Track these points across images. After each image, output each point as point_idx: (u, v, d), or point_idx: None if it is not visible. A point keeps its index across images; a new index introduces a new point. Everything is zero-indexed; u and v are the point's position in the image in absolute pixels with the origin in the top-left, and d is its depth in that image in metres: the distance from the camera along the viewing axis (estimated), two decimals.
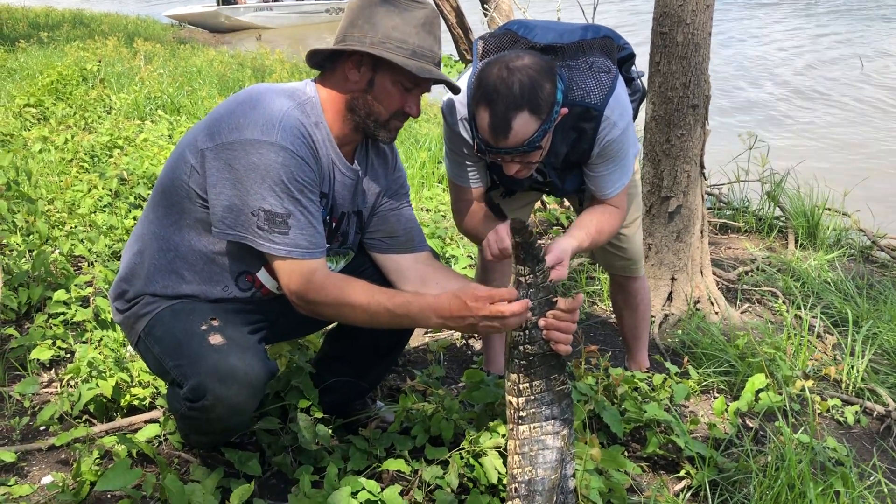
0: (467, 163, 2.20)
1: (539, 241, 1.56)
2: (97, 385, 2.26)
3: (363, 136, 1.91)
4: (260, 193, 1.69)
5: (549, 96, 1.85)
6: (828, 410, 2.72)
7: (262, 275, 1.90)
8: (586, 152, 2.10)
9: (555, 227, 4.50)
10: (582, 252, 2.16)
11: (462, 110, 2.09)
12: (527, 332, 1.58)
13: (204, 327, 1.79)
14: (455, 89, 1.95)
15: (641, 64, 2.68)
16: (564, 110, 1.94)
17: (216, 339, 1.76)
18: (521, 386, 1.61)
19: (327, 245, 1.94)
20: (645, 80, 2.46)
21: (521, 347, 1.59)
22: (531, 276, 1.55)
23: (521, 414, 1.61)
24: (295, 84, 1.88)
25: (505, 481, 1.75)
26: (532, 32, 2.10)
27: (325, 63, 1.87)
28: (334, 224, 1.95)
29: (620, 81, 2.09)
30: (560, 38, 2.08)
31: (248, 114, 1.72)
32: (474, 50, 2.10)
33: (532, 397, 1.61)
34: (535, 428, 1.61)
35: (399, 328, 1.84)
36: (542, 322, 1.58)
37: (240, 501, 1.76)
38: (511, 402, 1.62)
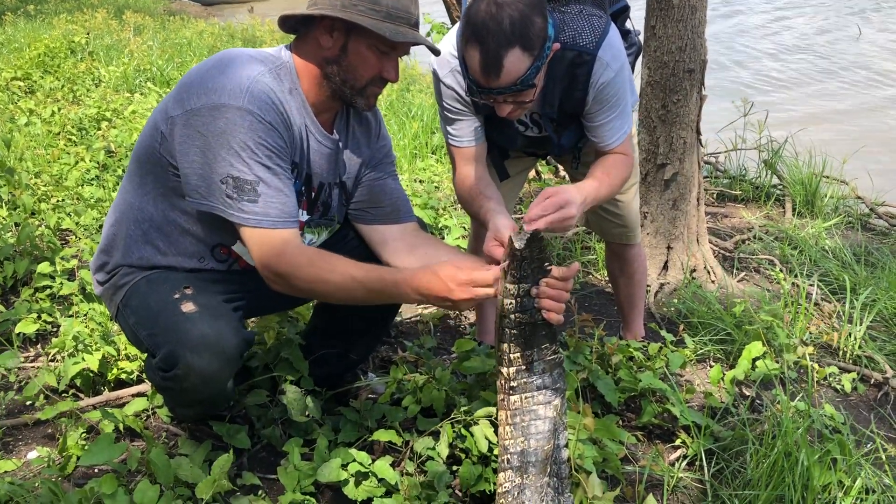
0: (462, 119, 2.11)
1: (541, 234, 1.52)
2: (83, 359, 2.22)
3: (342, 104, 1.85)
4: (227, 160, 1.63)
5: (540, 31, 1.78)
6: (825, 378, 2.70)
7: (238, 248, 1.85)
8: (581, 100, 2.03)
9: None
10: (596, 202, 2.04)
11: (452, 61, 2.03)
12: (518, 300, 1.54)
13: (177, 296, 1.74)
14: (435, 51, 1.89)
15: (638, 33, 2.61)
16: (556, 46, 1.87)
17: (188, 307, 1.72)
18: (511, 356, 1.56)
19: (308, 216, 1.89)
20: (641, 39, 2.39)
21: (512, 316, 1.55)
22: (527, 250, 1.50)
23: (512, 384, 1.57)
24: (270, 49, 1.81)
25: (496, 451, 1.72)
26: None
27: (299, 27, 1.80)
28: (313, 194, 1.89)
29: (614, 28, 2.03)
30: None
31: (216, 79, 1.66)
32: (463, 4, 2.02)
33: (523, 367, 1.57)
34: (526, 398, 1.57)
35: (377, 304, 1.75)
36: (534, 290, 1.54)
37: (221, 471, 1.73)
38: (502, 373, 1.58)
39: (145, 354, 1.87)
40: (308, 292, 1.75)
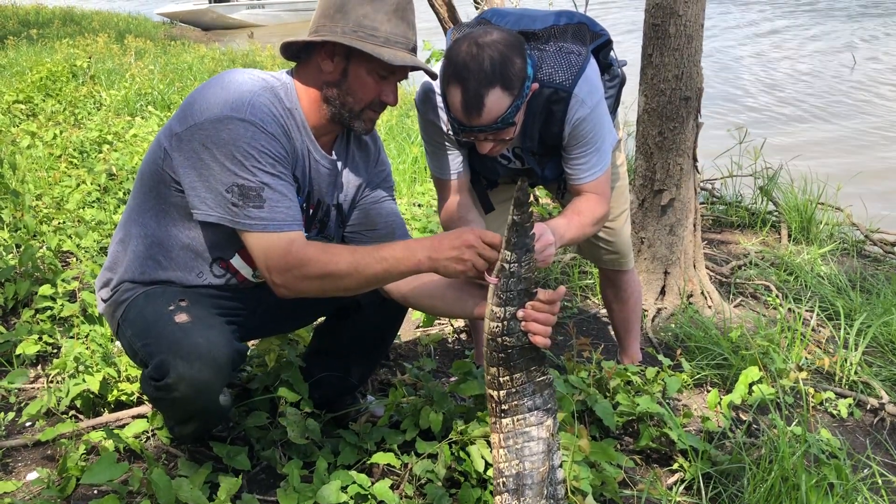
0: (445, 153, 2.17)
1: (533, 231, 1.53)
2: (84, 380, 2.23)
3: (341, 128, 1.89)
4: (231, 169, 1.67)
5: (520, 71, 1.83)
6: (821, 403, 2.71)
7: (237, 261, 1.88)
8: (558, 135, 2.07)
9: None
10: (570, 243, 2.12)
11: (434, 98, 2.07)
12: (505, 323, 1.54)
13: (172, 307, 1.77)
14: (433, 75, 1.93)
15: (634, 56, 2.66)
16: (535, 85, 1.92)
17: (182, 318, 1.74)
18: (501, 379, 1.57)
19: (306, 233, 1.92)
20: (634, 69, 2.43)
21: (499, 339, 1.55)
22: (516, 264, 1.52)
23: (504, 407, 1.58)
24: (272, 72, 1.86)
25: (490, 472, 1.73)
26: (505, 19, 2.10)
27: (301, 54, 1.85)
28: (311, 211, 1.92)
29: (592, 64, 2.07)
30: (533, 24, 2.07)
31: (218, 95, 1.71)
32: (447, 41, 2.07)
33: (513, 390, 1.57)
34: (518, 420, 1.58)
35: (388, 281, 1.78)
36: (520, 313, 1.55)
37: (228, 495, 1.74)
38: (492, 396, 1.59)
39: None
40: (319, 281, 1.69)
